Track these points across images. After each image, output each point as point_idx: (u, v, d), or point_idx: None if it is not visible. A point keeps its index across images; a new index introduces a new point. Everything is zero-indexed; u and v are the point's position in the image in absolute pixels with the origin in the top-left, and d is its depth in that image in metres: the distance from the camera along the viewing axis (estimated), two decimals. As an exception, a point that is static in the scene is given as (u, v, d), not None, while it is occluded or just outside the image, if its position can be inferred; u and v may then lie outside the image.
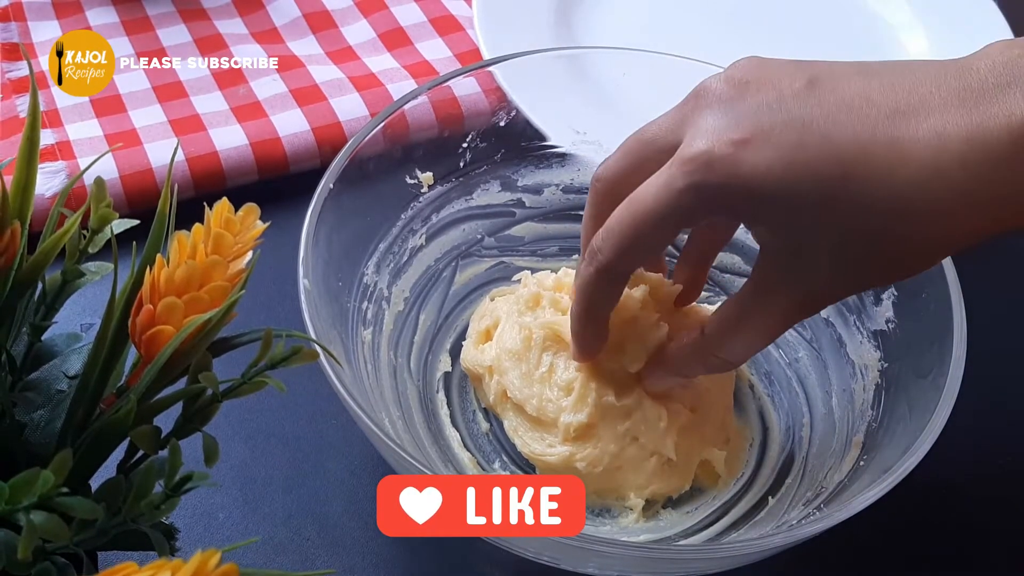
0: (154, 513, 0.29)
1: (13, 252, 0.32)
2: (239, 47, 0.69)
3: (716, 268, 0.57)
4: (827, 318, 0.52)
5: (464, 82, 0.60)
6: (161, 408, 0.32)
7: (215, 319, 0.30)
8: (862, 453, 0.46)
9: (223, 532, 0.47)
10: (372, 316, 0.51)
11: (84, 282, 0.35)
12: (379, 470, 0.50)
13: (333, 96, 0.65)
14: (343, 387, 0.40)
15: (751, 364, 0.55)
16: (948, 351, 0.43)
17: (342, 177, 0.48)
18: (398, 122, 0.51)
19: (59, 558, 0.30)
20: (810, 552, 0.43)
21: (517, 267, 0.57)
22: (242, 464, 0.50)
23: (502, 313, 0.52)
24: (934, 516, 0.51)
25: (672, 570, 0.42)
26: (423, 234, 0.54)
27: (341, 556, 0.47)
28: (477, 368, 0.51)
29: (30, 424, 0.34)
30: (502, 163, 0.56)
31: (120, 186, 0.59)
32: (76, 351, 0.36)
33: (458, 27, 0.72)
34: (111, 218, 0.33)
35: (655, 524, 0.48)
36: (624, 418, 0.47)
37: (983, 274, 0.45)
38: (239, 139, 0.62)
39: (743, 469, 0.51)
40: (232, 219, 0.32)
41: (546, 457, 0.48)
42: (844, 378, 0.51)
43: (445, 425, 0.52)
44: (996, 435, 0.55)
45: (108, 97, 0.64)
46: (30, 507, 0.26)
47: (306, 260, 0.44)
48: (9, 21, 0.69)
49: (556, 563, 0.42)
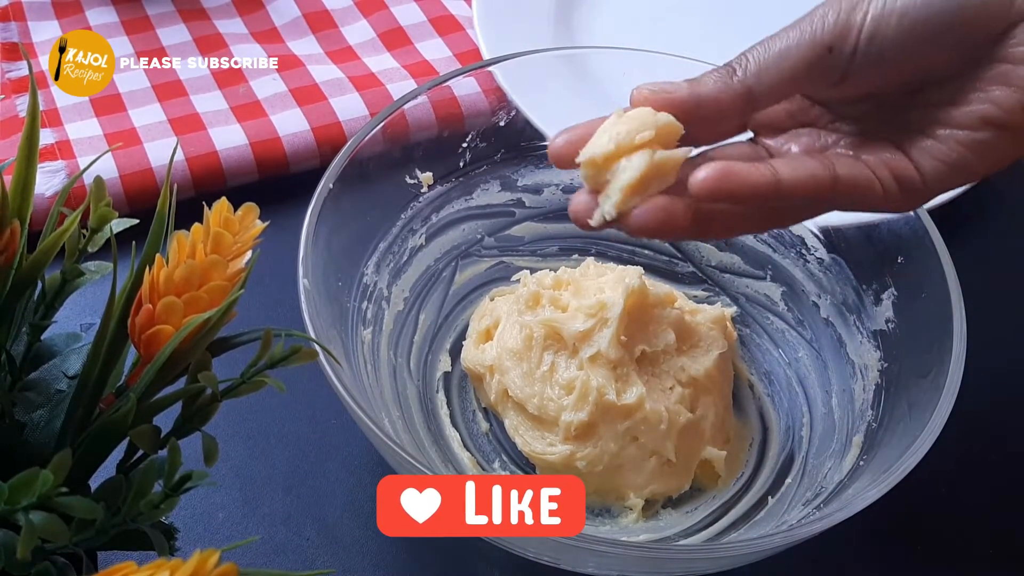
0: (153, 513, 0.29)
1: (13, 251, 0.32)
2: (239, 47, 0.69)
3: (716, 268, 0.58)
4: (827, 318, 0.52)
5: (464, 82, 0.60)
6: (160, 408, 0.32)
7: (214, 318, 0.30)
8: (862, 453, 0.46)
9: (223, 532, 0.47)
10: (372, 316, 0.51)
11: (84, 281, 0.35)
12: (379, 470, 0.50)
13: (333, 96, 0.65)
14: (343, 387, 0.40)
15: (751, 364, 0.55)
16: (948, 351, 0.43)
17: (342, 177, 0.48)
18: (398, 122, 0.51)
19: (59, 558, 0.30)
20: (810, 552, 0.43)
21: (517, 267, 0.57)
22: (242, 464, 0.50)
23: (502, 313, 0.52)
24: (934, 516, 0.51)
25: (672, 570, 0.42)
26: (423, 234, 0.54)
27: (341, 556, 0.47)
28: (478, 368, 0.51)
29: (30, 424, 0.34)
30: (502, 163, 0.56)
31: (120, 185, 0.59)
32: (76, 351, 0.36)
33: (458, 27, 0.72)
34: (110, 217, 0.33)
35: (655, 524, 0.48)
36: (624, 417, 0.48)
37: (983, 274, 0.45)
38: (239, 139, 0.62)
39: (743, 469, 0.51)
40: (231, 218, 0.32)
41: (546, 456, 0.48)
42: (844, 378, 0.51)
43: (445, 425, 0.52)
44: (996, 435, 0.55)
45: (108, 96, 0.64)
46: (30, 507, 0.26)
47: (306, 260, 0.44)
48: (9, 21, 0.69)
49: (556, 563, 0.42)
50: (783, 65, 0.36)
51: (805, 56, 0.36)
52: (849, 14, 0.36)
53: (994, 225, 0.66)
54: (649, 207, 0.36)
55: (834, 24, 0.36)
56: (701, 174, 0.35)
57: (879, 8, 0.35)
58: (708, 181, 0.35)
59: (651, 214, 0.36)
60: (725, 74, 0.37)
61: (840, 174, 0.37)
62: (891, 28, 0.35)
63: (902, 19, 0.35)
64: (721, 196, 0.36)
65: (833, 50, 0.36)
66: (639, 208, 0.36)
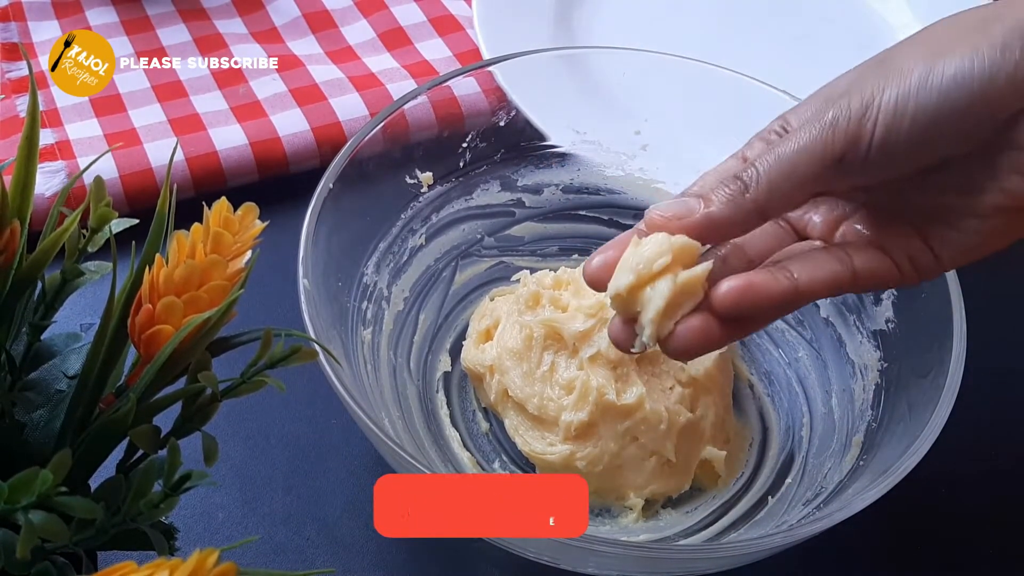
0: (153, 512, 0.29)
1: (13, 251, 0.32)
2: (239, 47, 0.69)
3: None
4: (827, 318, 0.52)
5: (464, 82, 0.60)
6: (160, 408, 0.32)
7: (214, 318, 0.30)
8: (862, 453, 0.46)
9: (222, 532, 0.47)
10: (372, 316, 0.51)
11: (83, 281, 0.35)
12: (379, 470, 0.50)
13: (333, 96, 0.65)
14: (343, 387, 0.40)
15: (751, 364, 0.55)
16: (948, 351, 0.43)
17: (342, 177, 0.48)
18: (398, 122, 0.51)
19: (58, 558, 0.30)
20: (810, 552, 0.43)
21: (517, 267, 0.57)
22: (242, 464, 0.50)
23: (502, 313, 0.52)
24: (933, 516, 0.51)
25: (672, 570, 0.42)
26: (423, 234, 0.54)
27: (341, 556, 0.47)
28: (478, 367, 0.51)
29: (30, 424, 0.34)
30: (502, 163, 0.56)
31: (120, 185, 0.59)
32: (75, 351, 0.36)
33: (458, 27, 0.72)
34: (110, 217, 0.33)
35: (655, 524, 0.48)
36: (624, 417, 0.48)
37: (983, 274, 0.45)
38: (239, 139, 0.62)
39: (743, 469, 0.51)
40: (231, 218, 0.32)
41: (546, 456, 0.48)
42: (844, 378, 0.51)
43: (445, 425, 0.52)
44: (996, 435, 0.55)
45: (108, 97, 0.64)
46: (29, 507, 0.26)
47: (306, 260, 0.44)
48: (9, 21, 0.69)
49: (556, 563, 0.42)
50: (793, 179, 0.36)
51: (815, 171, 0.36)
52: (859, 123, 0.35)
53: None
54: (685, 332, 0.37)
55: (844, 134, 0.35)
56: (722, 289, 0.36)
57: (889, 114, 0.35)
58: (730, 297, 0.36)
59: (688, 339, 0.37)
60: (736, 192, 0.37)
61: (858, 269, 0.37)
62: (903, 132, 0.35)
63: (914, 122, 0.34)
64: (744, 311, 0.37)
65: (843, 161, 0.35)
66: (676, 335, 0.37)
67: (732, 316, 0.37)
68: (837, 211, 0.40)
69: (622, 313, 0.38)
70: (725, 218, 0.37)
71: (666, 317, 0.37)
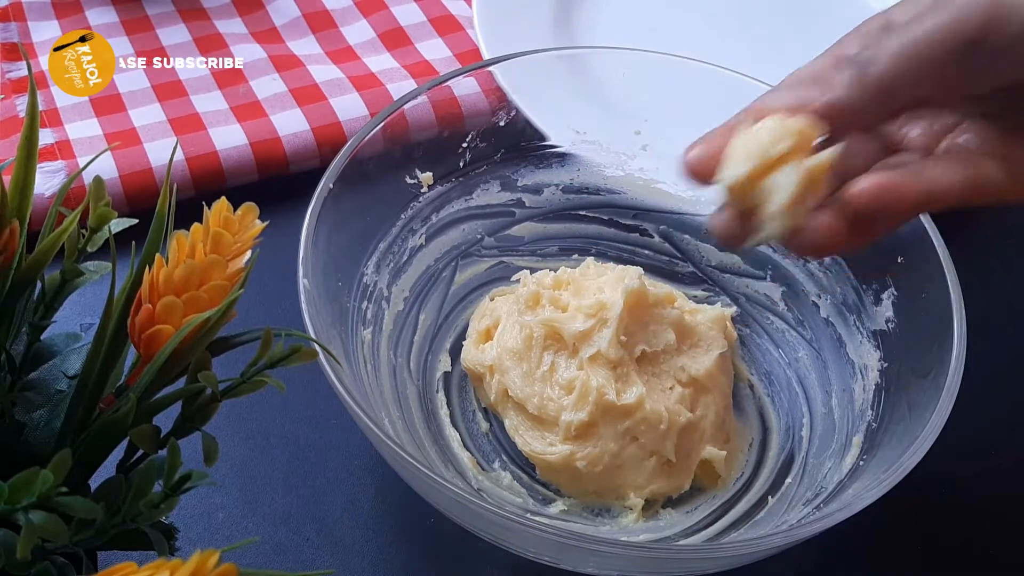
0: (153, 512, 0.29)
1: (12, 251, 0.32)
2: (239, 47, 0.69)
3: (716, 268, 0.58)
4: (827, 318, 0.52)
5: (464, 82, 0.60)
6: (160, 407, 0.32)
7: (214, 318, 0.30)
8: (862, 453, 0.46)
9: (222, 532, 0.47)
10: (372, 316, 0.51)
11: (83, 281, 0.35)
12: (379, 470, 0.50)
13: (333, 96, 0.65)
14: (343, 387, 0.40)
15: (751, 364, 0.55)
16: (948, 351, 0.43)
17: (342, 177, 0.48)
18: (398, 122, 0.51)
19: (58, 558, 0.30)
20: (810, 552, 0.43)
21: (517, 267, 0.57)
22: (242, 464, 0.50)
23: (502, 313, 0.52)
24: (934, 516, 0.51)
25: (672, 570, 0.42)
26: (423, 234, 0.54)
27: (341, 556, 0.47)
28: (478, 367, 0.51)
29: (30, 424, 0.34)
30: (502, 163, 0.56)
31: (119, 185, 0.59)
32: (75, 351, 0.36)
33: (458, 27, 0.72)
34: (110, 217, 0.33)
35: (655, 524, 0.48)
36: (624, 417, 0.48)
37: (983, 273, 0.45)
38: (239, 138, 0.62)
39: (743, 469, 0.51)
40: (231, 218, 0.32)
41: (546, 456, 0.48)
42: (844, 378, 0.51)
43: (445, 425, 0.52)
44: (996, 435, 0.55)
45: (108, 96, 0.64)
46: (29, 507, 0.26)
47: (306, 260, 0.44)
48: (9, 21, 0.69)
49: (556, 563, 0.42)
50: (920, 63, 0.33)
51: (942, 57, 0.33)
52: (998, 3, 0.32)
53: (994, 225, 0.66)
54: (817, 227, 0.34)
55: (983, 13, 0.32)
56: (861, 185, 0.34)
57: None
58: (867, 194, 0.33)
59: (821, 235, 0.34)
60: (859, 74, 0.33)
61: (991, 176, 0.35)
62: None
63: None
64: (881, 210, 0.34)
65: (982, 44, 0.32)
66: (809, 229, 0.34)
67: (867, 215, 0.34)
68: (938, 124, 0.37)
69: (734, 204, 0.35)
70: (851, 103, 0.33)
71: (793, 210, 0.34)
